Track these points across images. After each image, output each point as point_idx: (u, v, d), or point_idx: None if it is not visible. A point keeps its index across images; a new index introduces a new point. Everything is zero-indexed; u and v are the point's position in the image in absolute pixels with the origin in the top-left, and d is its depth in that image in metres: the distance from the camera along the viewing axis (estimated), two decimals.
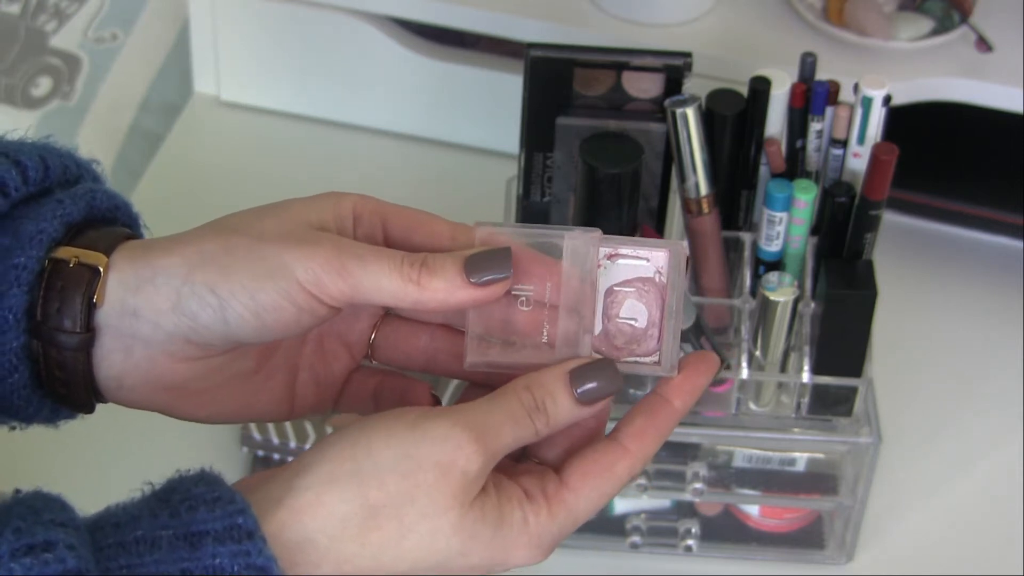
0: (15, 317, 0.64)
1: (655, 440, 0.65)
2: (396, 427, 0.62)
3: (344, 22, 1.28)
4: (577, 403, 0.64)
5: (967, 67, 1.18)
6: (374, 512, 0.61)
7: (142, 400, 0.67)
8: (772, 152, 1.00)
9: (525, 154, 1.01)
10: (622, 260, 0.66)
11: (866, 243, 0.98)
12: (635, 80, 1.00)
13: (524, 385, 0.64)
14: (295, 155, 1.32)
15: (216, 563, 0.59)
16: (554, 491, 0.64)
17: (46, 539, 0.57)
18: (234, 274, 0.63)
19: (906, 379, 1.16)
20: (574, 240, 0.66)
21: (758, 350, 1.00)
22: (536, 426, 0.64)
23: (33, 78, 1.22)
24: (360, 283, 0.64)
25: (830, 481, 1.05)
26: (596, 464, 0.65)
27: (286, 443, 1.09)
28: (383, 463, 0.61)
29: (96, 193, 0.68)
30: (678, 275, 0.66)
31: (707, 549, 1.08)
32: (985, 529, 1.10)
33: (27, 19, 1.21)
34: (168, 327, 0.65)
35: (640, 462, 0.65)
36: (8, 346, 0.65)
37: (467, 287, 0.64)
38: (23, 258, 0.64)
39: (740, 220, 1.03)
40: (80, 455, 1.08)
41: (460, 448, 0.62)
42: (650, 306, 0.66)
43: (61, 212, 0.66)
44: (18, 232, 0.65)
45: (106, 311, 0.65)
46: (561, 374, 0.65)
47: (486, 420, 0.63)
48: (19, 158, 0.66)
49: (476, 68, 1.29)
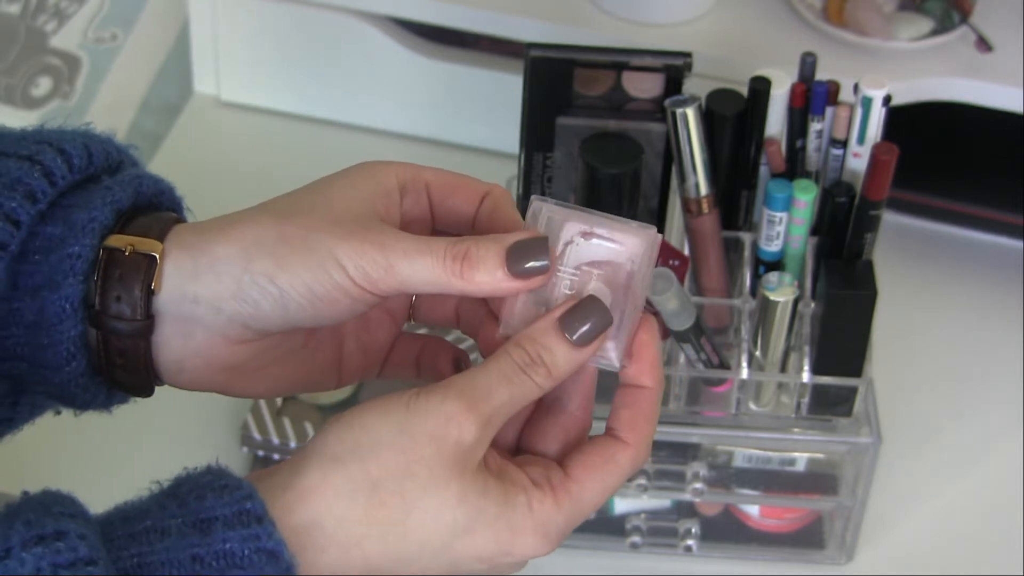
0: (72, 307, 0.65)
1: (647, 426, 0.66)
2: (391, 406, 0.63)
3: (344, 22, 1.28)
4: (573, 347, 0.65)
5: (967, 67, 1.18)
6: (376, 487, 0.61)
7: (201, 382, 0.69)
8: (772, 152, 1.00)
9: (525, 154, 1.01)
10: (596, 240, 0.66)
11: (866, 243, 0.98)
12: (635, 80, 1.00)
13: (515, 343, 0.65)
14: (295, 155, 1.32)
15: (227, 548, 0.59)
16: (559, 481, 0.64)
17: (57, 529, 0.58)
18: (291, 266, 0.65)
19: (906, 379, 1.16)
20: (550, 209, 0.66)
21: (758, 350, 1.00)
22: (536, 380, 0.64)
23: (33, 78, 1.22)
24: (407, 279, 0.65)
25: (830, 481, 1.05)
26: (598, 456, 0.65)
27: (286, 443, 1.09)
28: (380, 439, 0.62)
29: (142, 178, 0.69)
30: (646, 265, 0.66)
31: (707, 549, 1.08)
32: (985, 529, 1.10)
33: (27, 19, 1.21)
34: (229, 312, 0.66)
35: (640, 451, 0.66)
36: (66, 335, 0.65)
37: (508, 279, 0.65)
38: (77, 247, 0.65)
39: (740, 220, 1.03)
40: (82, 458, 1.09)
41: (452, 418, 0.62)
42: (614, 291, 0.66)
43: (111, 199, 0.66)
44: (69, 221, 0.66)
45: (164, 298, 0.66)
46: (551, 322, 0.65)
47: (477, 386, 0.63)
48: (63, 146, 0.67)
49: (476, 68, 1.29)
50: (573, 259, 0.66)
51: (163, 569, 0.59)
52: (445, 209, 0.69)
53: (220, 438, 1.12)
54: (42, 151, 0.67)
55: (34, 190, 0.66)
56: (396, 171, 0.68)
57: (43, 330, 0.66)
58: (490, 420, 0.63)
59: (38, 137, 0.68)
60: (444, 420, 0.62)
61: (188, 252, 0.66)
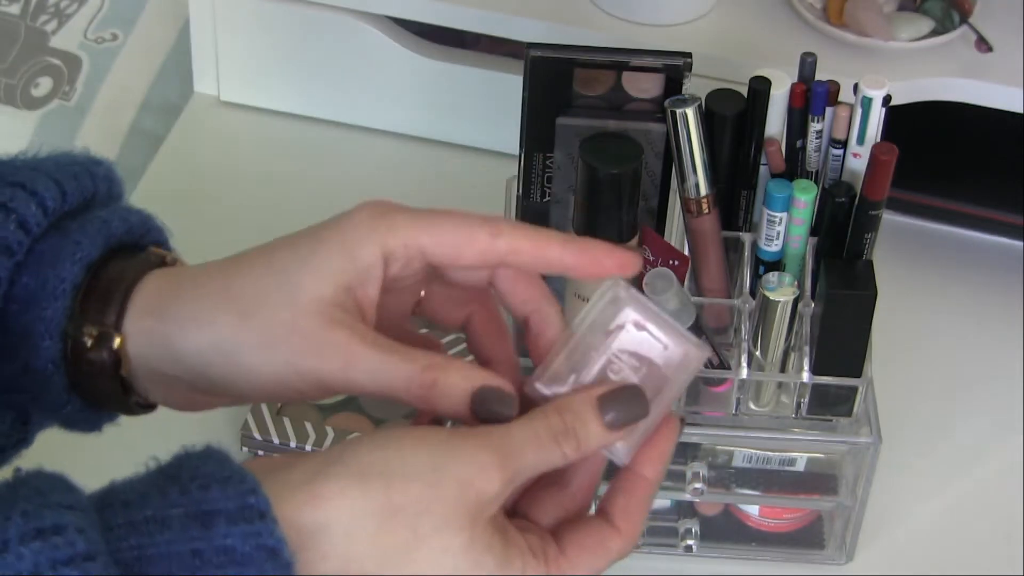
0: (54, 365, 0.68)
1: (639, 515, 0.67)
2: (428, 439, 0.63)
3: (344, 22, 1.28)
4: (606, 428, 0.65)
5: (967, 67, 1.18)
6: (393, 514, 0.61)
7: (186, 407, 0.71)
8: (772, 152, 1.00)
9: (525, 154, 1.01)
10: (646, 334, 0.67)
11: (866, 243, 0.98)
12: (635, 80, 1.00)
13: (555, 409, 0.65)
14: (295, 155, 1.32)
15: (228, 543, 0.59)
16: (554, 557, 0.65)
17: (55, 522, 0.57)
18: (248, 374, 0.66)
19: (906, 379, 1.16)
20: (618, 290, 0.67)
21: (758, 350, 1.00)
22: (564, 450, 0.65)
23: (33, 78, 1.22)
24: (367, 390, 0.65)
25: (830, 481, 1.05)
26: (591, 539, 0.66)
27: (286, 443, 1.09)
28: (411, 470, 0.62)
29: (109, 222, 0.69)
30: (683, 377, 0.67)
31: (707, 549, 1.08)
32: (985, 529, 1.10)
33: (27, 19, 1.21)
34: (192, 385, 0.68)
35: (630, 541, 0.67)
36: (56, 386, 0.68)
37: (471, 418, 0.65)
38: (49, 310, 0.67)
39: (740, 220, 1.03)
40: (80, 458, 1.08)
41: (483, 469, 0.62)
42: (645, 390, 0.67)
43: (80, 255, 0.67)
44: (41, 277, 0.67)
45: (135, 370, 0.69)
46: (590, 399, 0.65)
47: (512, 443, 0.64)
48: (36, 188, 0.68)
49: (476, 68, 1.29)
50: (619, 344, 0.67)
51: (163, 562, 0.59)
52: (453, 276, 0.69)
53: (220, 438, 1.10)
54: (16, 196, 0.67)
55: (11, 243, 0.67)
56: (382, 242, 0.66)
57: (32, 378, 0.68)
58: (514, 478, 0.63)
59: (12, 176, 0.68)
60: (476, 468, 0.62)
61: (151, 340, 0.67)
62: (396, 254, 0.66)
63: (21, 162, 0.69)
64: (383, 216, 0.66)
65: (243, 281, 0.66)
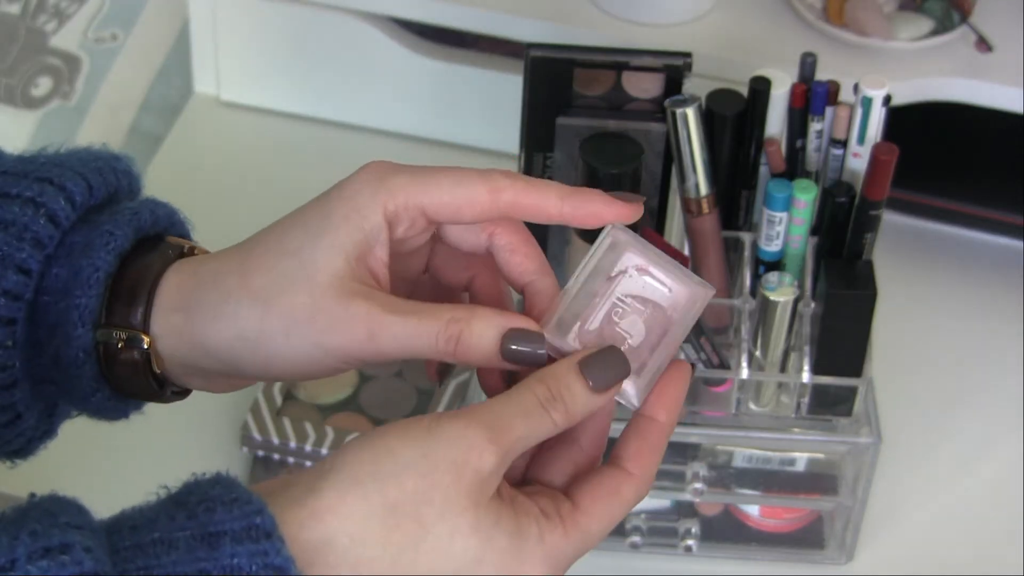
0: (85, 352, 0.68)
1: (652, 458, 0.67)
2: (412, 430, 0.63)
3: (344, 22, 1.28)
4: (591, 391, 0.65)
5: (967, 67, 1.18)
6: (393, 510, 0.61)
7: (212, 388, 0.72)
8: (772, 152, 1.00)
9: (525, 154, 1.01)
10: (648, 278, 0.67)
11: (866, 243, 0.98)
12: (635, 80, 1.00)
13: (537, 378, 0.65)
14: (295, 155, 1.32)
15: (234, 563, 0.59)
16: (568, 512, 0.65)
17: (63, 541, 0.58)
18: (274, 359, 0.66)
19: (906, 379, 1.16)
20: (617, 234, 0.67)
21: (758, 350, 1.00)
22: (553, 417, 0.64)
23: (33, 78, 1.22)
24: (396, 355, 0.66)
25: (830, 481, 1.05)
26: (604, 487, 0.66)
27: (286, 443, 1.09)
28: (402, 463, 0.62)
29: (139, 213, 0.70)
30: (689, 318, 0.67)
31: (707, 549, 1.08)
32: (985, 529, 1.10)
33: (27, 19, 1.21)
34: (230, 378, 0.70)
35: (645, 483, 0.66)
36: (87, 374, 0.69)
37: (501, 361, 0.66)
38: (84, 298, 0.67)
39: (740, 220, 1.03)
40: (83, 456, 1.08)
41: (473, 447, 0.62)
42: (650, 332, 0.67)
43: (113, 245, 0.68)
44: (74, 267, 0.68)
45: (168, 366, 0.69)
46: (571, 365, 0.65)
47: (498, 417, 0.63)
48: (64, 183, 0.68)
49: (476, 68, 1.29)
50: (622, 288, 0.67)
51: None
52: (453, 235, 0.69)
53: (220, 438, 1.12)
54: (45, 192, 0.68)
55: (41, 237, 0.68)
56: (384, 206, 0.67)
57: (63, 368, 0.69)
58: (508, 451, 0.63)
59: (39, 172, 0.69)
60: (466, 448, 0.62)
61: (180, 337, 0.68)
62: (398, 216, 0.67)
63: (45, 158, 0.70)
64: (382, 180, 0.67)
65: (260, 269, 0.67)
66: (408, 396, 1.11)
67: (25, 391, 0.69)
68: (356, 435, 1.03)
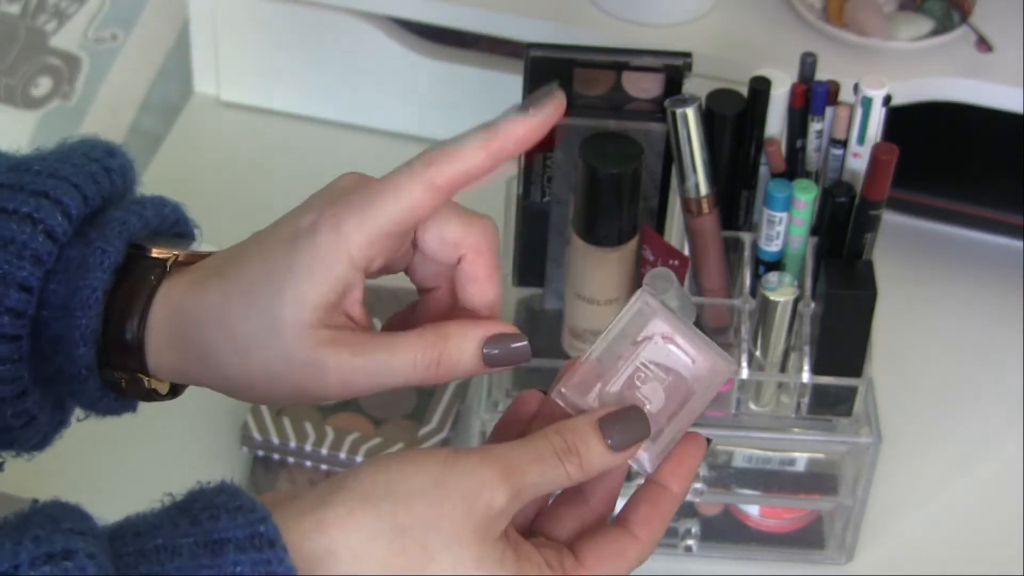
0: (87, 370, 0.69)
1: (660, 526, 0.67)
2: (428, 459, 0.63)
3: (344, 22, 1.28)
4: (609, 449, 0.65)
5: (967, 67, 1.18)
6: (400, 533, 0.61)
7: None
8: (772, 152, 1.00)
9: (525, 154, 1.01)
10: (673, 347, 0.67)
11: (866, 243, 0.98)
12: (635, 80, 1.00)
13: (555, 430, 0.65)
14: (295, 155, 1.32)
15: (237, 571, 0.59)
16: (571, 567, 0.65)
17: (65, 547, 0.58)
18: (267, 397, 0.68)
19: (906, 379, 1.16)
20: (647, 300, 0.67)
21: (758, 350, 1.00)
22: (567, 469, 0.65)
23: (33, 78, 1.22)
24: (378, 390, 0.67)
25: (830, 481, 1.05)
26: (609, 549, 0.66)
27: (286, 443, 1.09)
28: (414, 489, 0.62)
29: (127, 224, 0.70)
30: (710, 391, 0.67)
31: (707, 549, 1.08)
32: (985, 529, 1.10)
33: (27, 19, 1.21)
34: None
35: (649, 548, 0.67)
36: (90, 387, 0.70)
37: (486, 369, 0.67)
38: (84, 320, 0.69)
39: (740, 220, 1.03)
40: (83, 457, 1.08)
41: (486, 483, 0.62)
42: (669, 400, 0.67)
43: (107, 262, 0.69)
44: (72, 285, 0.69)
45: (173, 385, 0.72)
46: (592, 421, 0.66)
47: (514, 459, 0.64)
48: (60, 197, 0.69)
49: (476, 68, 1.29)
50: (646, 355, 0.67)
51: None
52: (429, 249, 0.70)
53: (220, 438, 1.12)
54: (41, 206, 0.69)
55: (40, 254, 0.68)
56: (347, 252, 0.66)
57: (68, 380, 0.70)
58: (519, 493, 0.63)
59: (34, 184, 0.69)
60: (479, 483, 0.62)
61: (175, 373, 0.70)
62: (370, 256, 0.67)
63: (39, 166, 0.70)
64: (338, 229, 0.66)
65: (236, 318, 0.67)
66: (408, 396, 1.11)
67: (36, 396, 0.70)
68: (357, 434, 1.02)
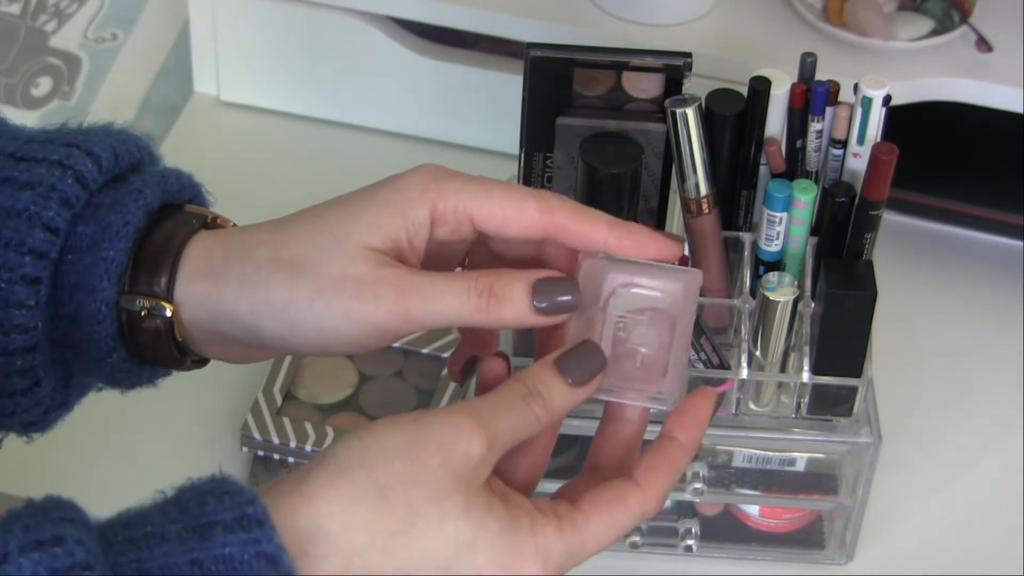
0: (107, 307, 0.68)
1: (666, 475, 0.67)
2: (400, 420, 0.64)
3: (344, 22, 1.28)
4: (568, 385, 0.65)
5: (967, 67, 1.18)
6: (382, 494, 0.62)
7: (238, 359, 0.73)
8: (772, 152, 1.00)
9: (525, 154, 1.01)
10: (636, 289, 0.67)
11: (866, 243, 0.98)
12: (635, 80, 1.00)
13: (516, 377, 0.66)
14: (295, 155, 1.32)
15: (226, 552, 0.59)
16: (565, 511, 0.65)
17: (55, 534, 0.58)
18: (301, 329, 0.67)
19: (906, 379, 1.16)
20: (590, 261, 0.67)
21: (758, 350, 1.00)
22: (535, 411, 0.65)
23: (33, 78, 1.22)
24: (428, 321, 0.66)
25: (830, 481, 1.05)
26: (608, 493, 0.66)
27: (286, 443, 1.09)
28: (389, 448, 0.63)
29: (167, 176, 0.71)
30: (690, 305, 0.67)
31: (707, 549, 1.08)
32: (985, 529, 1.10)
33: (27, 19, 1.21)
34: (249, 348, 0.70)
35: (653, 497, 0.66)
36: (104, 332, 0.69)
37: (534, 315, 0.67)
38: (112, 251, 0.68)
39: (740, 220, 1.03)
40: (82, 456, 1.08)
41: (461, 432, 0.63)
42: (659, 335, 0.67)
43: (142, 202, 0.69)
44: (103, 222, 0.68)
45: (190, 333, 0.70)
46: (548, 362, 0.66)
47: (484, 408, 0.64)
48: (91, 149, 0.69)
49: (476, 68, 1.29)
50: (618, 308, 0.67)
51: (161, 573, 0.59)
52: (501, 244, 0.70)
53: (220, 438, 1.12)
54: (72, 155, 0.69)
55: (68, 196, 0.68)
56: (432, 204, 0.68)
57: (82, 326, 0.69)
58: (495, 440, 0.64)
59: (65, 139, 0.70)
60: (454, 432, 0.63)
61: (203, 304, 0.68)
62: (445, 218, 0.68)
63: (68, 129, 0.71)
64: (435, 180, 0.68)
65: (294, 242, 0.67)
66: (408, 396, 1.11)
67: (44, 354, 0.69)
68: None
